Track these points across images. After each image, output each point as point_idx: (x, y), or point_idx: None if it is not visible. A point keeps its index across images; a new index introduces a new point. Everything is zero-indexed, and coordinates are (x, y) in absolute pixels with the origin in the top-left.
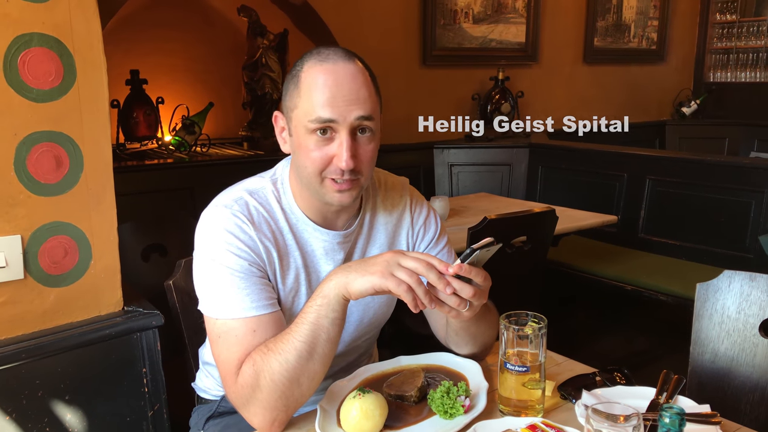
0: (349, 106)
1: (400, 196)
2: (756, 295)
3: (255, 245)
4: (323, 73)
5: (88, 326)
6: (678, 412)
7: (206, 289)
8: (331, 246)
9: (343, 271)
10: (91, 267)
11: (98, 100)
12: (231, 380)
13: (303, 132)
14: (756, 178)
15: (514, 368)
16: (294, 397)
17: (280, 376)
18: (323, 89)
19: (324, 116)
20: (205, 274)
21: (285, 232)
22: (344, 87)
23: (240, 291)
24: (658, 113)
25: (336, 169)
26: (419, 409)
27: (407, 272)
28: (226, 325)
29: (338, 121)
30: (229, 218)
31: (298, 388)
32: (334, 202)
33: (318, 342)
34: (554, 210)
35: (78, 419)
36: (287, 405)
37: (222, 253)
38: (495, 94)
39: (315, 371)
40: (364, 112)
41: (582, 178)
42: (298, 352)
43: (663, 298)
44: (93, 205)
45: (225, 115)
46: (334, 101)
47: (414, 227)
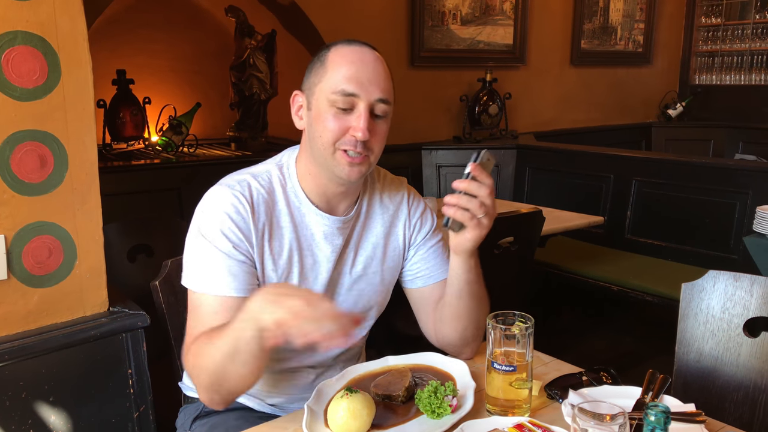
0: (371, 85)
1: (398, 191)
2: (740, 295)
3: (247, 228)
4: (350, 53)
5: (73, 327)
6: (663, 410)
7: (189, 261)
8: (331, 230)
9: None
10: (76, 267)
11: (83, 99)
12: (184, 352)
13: (324, 104)
14: (741, 179)
15: (501, 368)
16: (224, 388)
17: (210, 366)
18: (350, 65)
19: (348, 89)
20: (192, 247)
21: (283, 215)
22: (369, 67)
23: (218, 271)
24: (644, 115)
25: (351, 139)
26: (407, 409)
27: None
28: (198, 300)
29: (360, 96)
30: (227, 198)
31: (227, 383)
32: (343, 176)
33: (240, 351)
34: (541, 211)
35: (62, 421)
36: (220, 393)
37: (212, 230)
38: (483, 95)
39: (240, 374)
40: (383, 94)
41: (569, 180)
42: (222, 353)
43: (649, 298)
44: (78, 205)
45: (212, 115)
46: (359, 78)
47: (411, 219)
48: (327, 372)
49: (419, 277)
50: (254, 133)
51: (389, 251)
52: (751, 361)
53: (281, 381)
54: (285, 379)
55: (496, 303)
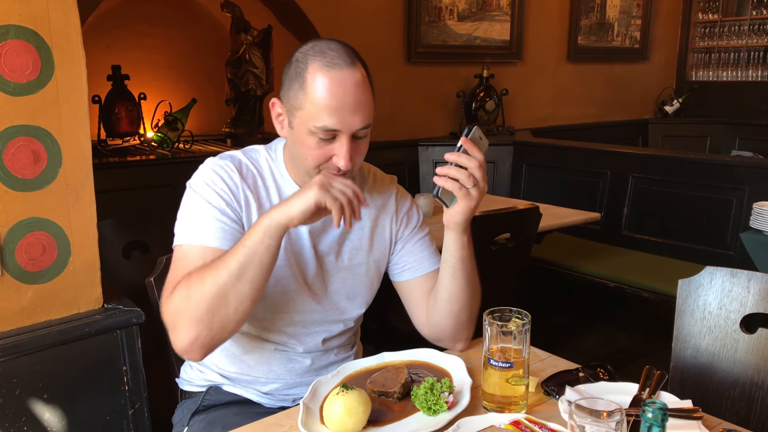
0: (353, 117)
1: (387, 188)
2: (737, 291)
3: (237, 191)
4: (330, 81)
5: (67, 324)
6: (660, 407)
7: (181, 220)
8: None
9: (282, 202)
10: (70, 264)
11: (77, 94)
12: (167, 296)
13: (305, 132)
14: (737, 176)
15: (497, 364)
16: (220, 315)
17: (210, 289)
18: (331, 99)
19: (330, 126)
20: (185, 205)
21: (271, 189)
22: (350, 97)
23: (209, 222)
24: (641, 112)
25: (334, 166)
26: (403, 406)
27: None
28: (184, 251)
29: (342, 130)
30: (219, 165)
31: (225, 307)
32: None
33: (250, 264)
34: (538, 207)
35: (57, 418)
36: (212, 322)
37: (204, 188)
38: (480, 91)
39: (244, 293)
40: (365, 122)
41: (565, 176)
42: (230, 270)
43: (645, 294)
44: (72, 201)
45: (208, 111)
46: (340, 111)
47: (398, 214)
48: (321, 357)
49: (407, 270)
50: (250, 129)
51: (376, 244)
52: (747, 357)
53: (276, 364)
54: (280, 363)
55: (492, 299)
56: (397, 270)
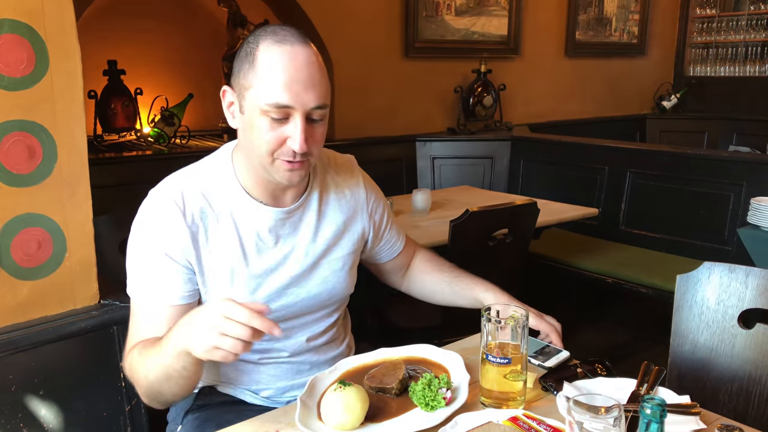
0: (306, 93)
1: (352, 175)
2: (735, 287)
3: (181, 237)
4: (282, 55)
5: (63, 320)
6: (659, 403)
7: (128, 268)
8: (275, 223)
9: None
10: (66, 259)
11: (72, 88)
12: (124, 358)
13: (257, 113)
14: (735, 171)
15: (495, 360)
16: (160, 399)
17: (143, 382)
18: (281, 73)
19: (282, 102)
20: (130, 251)
21: (223, 215)
22: (302, 72)
23: (152, 279)
24: (638, 107)
25: (289, 150)
26: (401, 402)
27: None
28: (134, 306)
29: (295, 107)
30: (158, 208)
31: (162, 396)
32: (284, 181)
33: (171, 375)
34: (536, 203)
35: (53, 415)
36: (158, 401)
37: (143, 238)
38: (477, 86)
39: (174, 391)
40: (320, 101)
41: (563, 171)
42: (155, 375)
43: (643, 290)
44: (67, 197)
45: (205, 106)
46: (292, 87)
47: (369, 206)
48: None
49: (383, 254)
50: None
51: (350, 237)
52: (745, 352)
53: (264, 373)
54: (267, 370)
55: None
56: (371, 258)
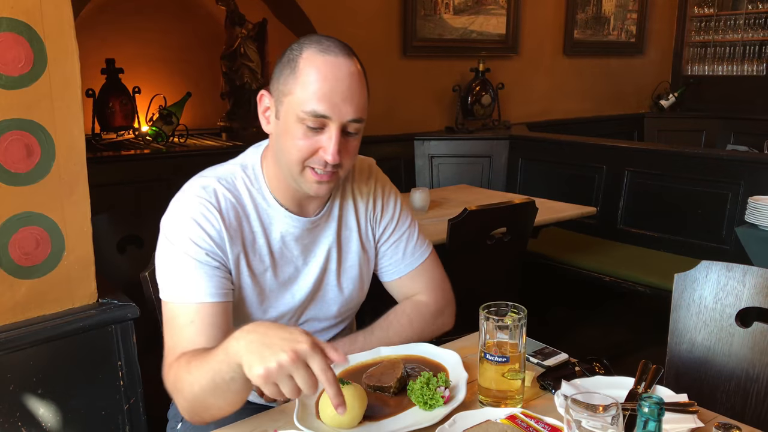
0: (345, 105)
1: (368, 179)
2: (732, 286)
3: (218, 234)
4: (324, 65)
5: (61, 319)
6: (657, 401)
7: (162, 272)
8: (301, 232)
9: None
10: (64, 258)
11: (70, 87)
12: (165, 370)
13: (293, 119)
14: (733, 170)
15: (493, 359)
16: (206, 414)
17: (188, 395)
18: (322, 82)
19: (319, 111)
20: (164, 258)
21: (252, 219)
22: (343, 84)
23: (191, 277)
24: (636, 106)
25: (320, 160)
26: (399, 401)
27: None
28: (172, 311)
29: (332, 118)
30: (195, 206)
31: (207, 411)
32: (311, 192)
33: (219, 389)
34: (534, 201)
35: (51, 413)
36: (201, 416)
37: (182, 239)
38: (475, 85)
39: (219, 406)
40: (357, 114)
41: (561, 170)
42: (201, 386)
43: (641, 289)
44: (65, 195)
45: (203, 105)
46: (332, 97)
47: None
48: None
49: (385, 272)
50: (245, 123)
51: (365, 244)
52: (743, 351)
53: None
54: None
55: (488, 294)
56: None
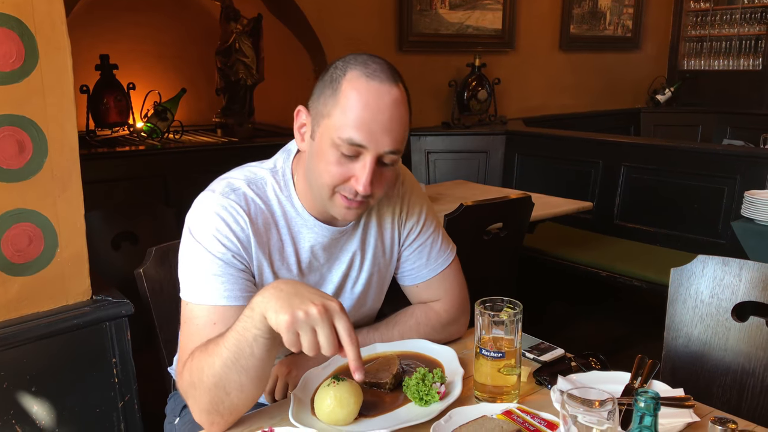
0: (383, 136)
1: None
2: (728, 280)
3: (245, 238)
4: (367, 91)
5: (55, 316)
6: (653, 396)
7: (185, 271)
8: (330, 242)
9: (273, 290)
10: (58, 255)
11: (62, 83)
12: (180, 369)
13: (328, 144)
14: (729, 164)
15: (489, 354)
16: (224, 403)
17: (207, 378)
18: (363, 110)
19: (356, 140)
20: (188, 257)
21: (281, 226)
22: (384, 114)
23: (215, 278)
24: (633, 101)
25: (351, 189)
26: (394, 397)
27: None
28: (193, 312)
29: (368, 148)
30: (224, 206)
31: (226, 396)
32: (338, 216)
33: (242, 354)
34: (530, 196)
35: (45, 411)
36: (218, 410)
37: (208, 238)
38: (472, 80)
39: (241, 383)
40: (395, 146)
41: (558, 165)
42: (223, 359)
43: (637, 283)
44: (58, 192)
45: (198, 101)
46: (371, 126)
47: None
48: None
49: (406, 277)
50: (241, 119)
51: (387, 253)
52: (739, 345)
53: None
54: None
55: (484, 289)
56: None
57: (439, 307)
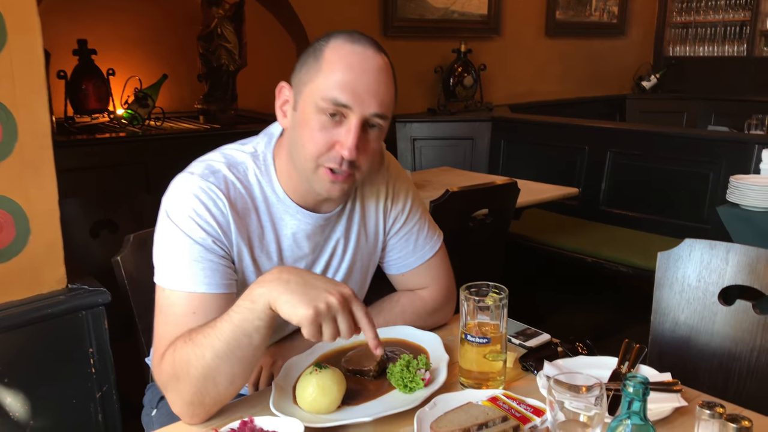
0: (368, 97)
1: (379, 168)
2: (715, 264)
3: (225, 222)
4: (351, 54)
5: (29, 305)
6: (642, 381)
7: (161, 256)
8: (314, 229)
9: (278, 282)
10: (30, 242)
11: (33, 65)
12: (157, 360)
13: (312, 109)
14: (714, 150)
15: (474, 340)
16: (210, 395)
17: (195, 371)
18: (346, 70)
19: (340, 99)
20: (164, 240)
21: (261, 212)
22: (368, 75)
23: (194, 264)
24: (618, 87)
25: (336, 156)
26: (379, 384)
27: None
28: (170, 299)
29: (353, 109)
30: (202, 190)
31: (215, 387)
32: (323, 193)
33: (239, 346)
34: (516, 182)
35: (19, 403)
36: (203, 402)
37: (186, 221)
38: (457, 66)
39: (233, 374)
40: (381, 109)
41: (544, 152)
42: (215, 351)
43: (623, 269)
44: (30, 177)
45: (180, 87)
46: (355, 87)
47: (388, 204)
48: None
49: (392, 266)
50: (223, 106)
51: (372, 240)
52: (725, 329)
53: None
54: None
55: (470, 276)
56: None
57: (425, 294)
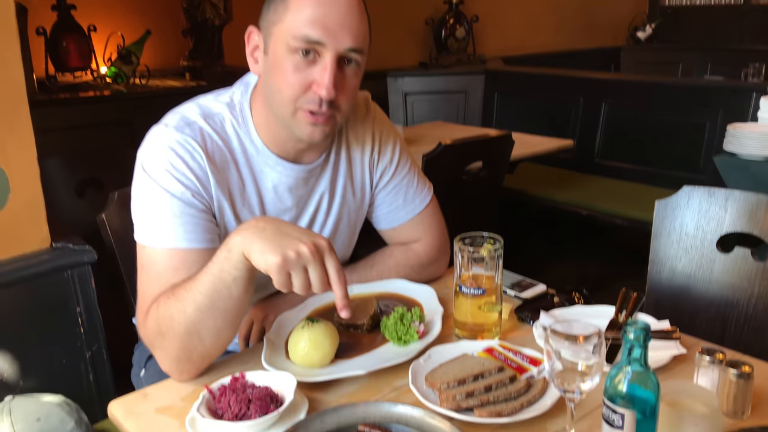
0: (341, 31)
1: (364, 119)
2: (714, 211)
3: (204, 175)
4: None
5: (11, 265)
6: (642, 327)
7: (140, 213)
8: (296, 182)
9: (254, 230)
10: (10, 202)
11: (2, 12)
12: (141, 319)
13: (283, 50)
14: (710, 99)
15: (469, 291)
16: (197, 350)
17: (178, 326)
18: (315, 5)
19: (312, 36)
20: (142, 197)
21: (241, 165)
22: (340, 8)
23: (175, 219)
24: (613, 38)
25: (314, 97)
26: (372, 338)
27: (303, 278)
28: (152, 256)
29: (326, 45)
30: (178, 142)
31: (200, 342)
32: (304, 137)
33: (219, 297)
34: (510, 134)
35: (8, 364)
36: (190, 357)
37: (164, 175)
38: (449, 18)
39: (217, 327)
40: (356, 43)
41: (538, 104)
42: (197, 304)
43: (618, 221)
44: (5, 134)
45: (164, 44)
46: (326, 22)
47: (374, 157)
48: None
49: (382, 220)
50: (209, 62)
51: (358, 191)
52: (723, 277)
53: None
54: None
55: (464, 230)
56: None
57: (418, 247)
